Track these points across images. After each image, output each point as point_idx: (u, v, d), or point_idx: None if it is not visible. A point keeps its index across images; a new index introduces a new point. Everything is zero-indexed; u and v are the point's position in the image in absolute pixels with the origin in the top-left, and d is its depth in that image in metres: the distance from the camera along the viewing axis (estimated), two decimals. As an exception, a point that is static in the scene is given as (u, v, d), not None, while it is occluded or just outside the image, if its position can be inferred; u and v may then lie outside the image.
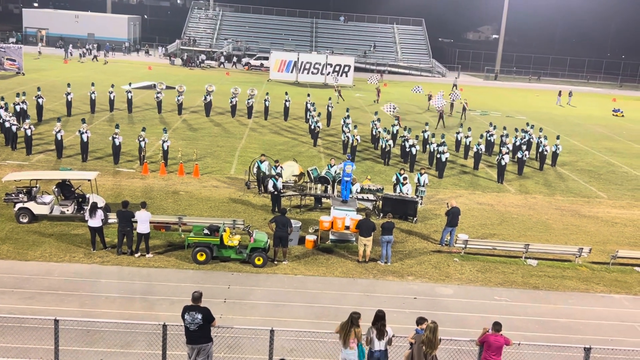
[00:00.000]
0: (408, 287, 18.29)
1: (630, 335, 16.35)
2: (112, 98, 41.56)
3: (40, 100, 36.96)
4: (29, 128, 29.60)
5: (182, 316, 12.18)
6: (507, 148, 32.47)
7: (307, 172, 26.30)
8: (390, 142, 33.22)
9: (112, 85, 43.15)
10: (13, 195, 21.42)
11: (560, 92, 67.46)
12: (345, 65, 69.31)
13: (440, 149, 31.03)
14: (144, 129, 30.32)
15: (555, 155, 35.10)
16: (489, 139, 36.55)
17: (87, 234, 19.39)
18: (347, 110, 39.27)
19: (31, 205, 21.08)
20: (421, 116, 49.09)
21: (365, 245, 19.64)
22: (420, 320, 12.32)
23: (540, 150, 35.01)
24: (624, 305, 18.18)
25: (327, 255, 20.16)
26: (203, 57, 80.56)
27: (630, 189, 31.69)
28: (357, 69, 73.86)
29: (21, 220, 20.91)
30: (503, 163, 30.65)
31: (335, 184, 24.67)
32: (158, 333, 12.73)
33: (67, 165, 27.94)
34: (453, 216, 21.71)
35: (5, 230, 20.21)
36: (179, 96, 42.45)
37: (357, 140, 33.27)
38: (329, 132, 40.20)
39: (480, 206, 26.84)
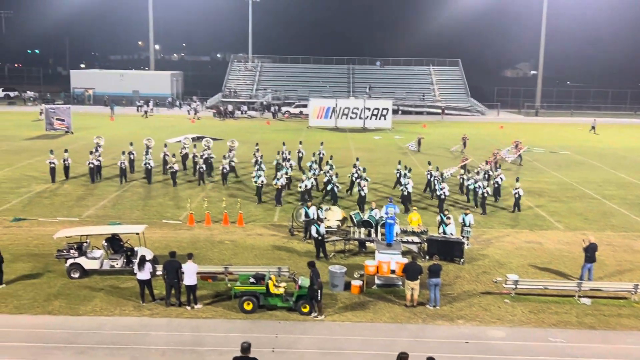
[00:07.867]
0: (459, 331, 17.91)
1: (696, 375, 15.63)
2: (132, 158, 38.96)
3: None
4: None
5: (232, 367, 12.18)
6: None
7: (350, 216, 26.28)
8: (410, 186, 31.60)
9: (131, 144, 40.40)
10: (64, 251, 21.93)
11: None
12: (383, 109, 69.78)
13: (477, 184, 31.53)
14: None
15: (516, 200, 31.57)
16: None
17: (136, 287, 19.65)
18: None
19: (82, 260, 21.53)
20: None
21: (412, 289, 19.38)
22: None
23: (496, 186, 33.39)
24: (687, 343, 17.42)
25: (374, 301, 19.95)
26: (244, 107, 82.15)
27: (684, 221, 30.64)
28: (395, 112, 74.23)
29: (72, 275, 21.32)
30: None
31: (379, 227, 24.56)
32: (208, 385, 12.74)
33: (116, 219, 28.58)
34: (592, 252, 21.82)
35: (57, 286, 20.63)
36: (230, 152, 39.33)
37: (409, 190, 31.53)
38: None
39: (528, 245, 26.30)
